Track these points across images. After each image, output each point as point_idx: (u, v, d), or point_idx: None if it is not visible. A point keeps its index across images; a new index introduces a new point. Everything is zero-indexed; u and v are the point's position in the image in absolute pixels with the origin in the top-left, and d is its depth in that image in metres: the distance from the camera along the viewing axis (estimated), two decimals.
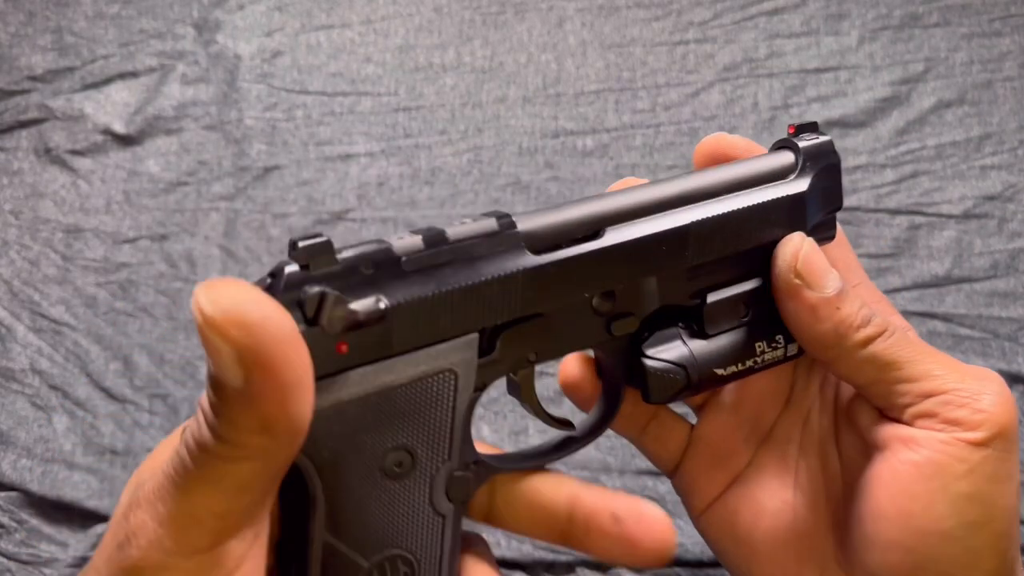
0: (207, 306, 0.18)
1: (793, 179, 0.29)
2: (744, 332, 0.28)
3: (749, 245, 0.28)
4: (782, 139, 0.30)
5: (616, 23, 0.69)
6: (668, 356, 0.27)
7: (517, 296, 0.24)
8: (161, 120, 0.68)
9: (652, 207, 0.26)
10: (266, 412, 0.19)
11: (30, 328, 0.62)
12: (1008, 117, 0.65)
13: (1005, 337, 0.59)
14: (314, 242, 0.21)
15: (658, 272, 0.27)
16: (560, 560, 0.54)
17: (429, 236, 0.23)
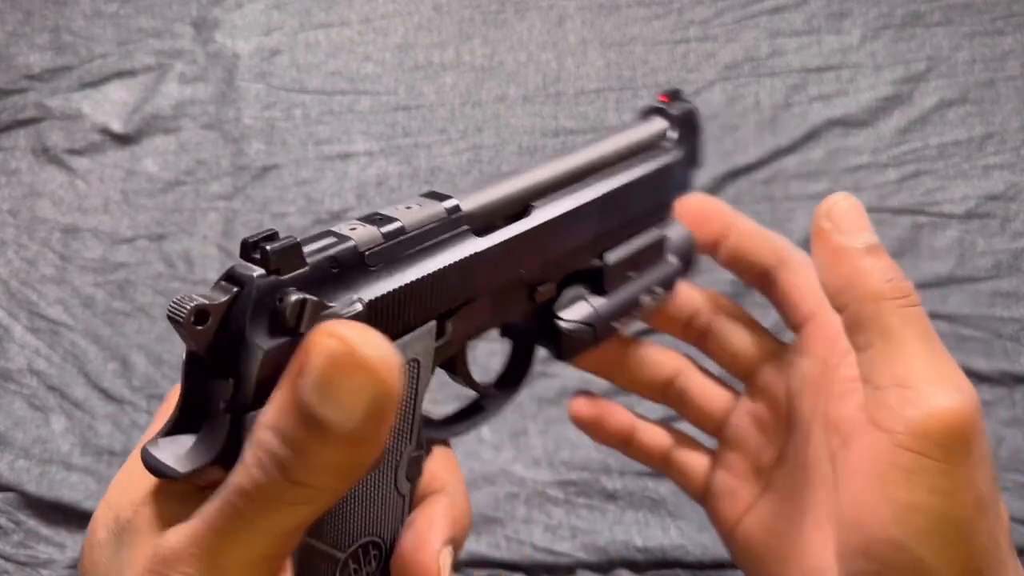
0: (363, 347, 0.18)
1: (671, 146, 0.32)
2: (634, 287, 0.31)
3: (642, 209, 0.31)
4: (655, 106, 0.32)
5: (617, 21, 0.69)
6: (577, 316, 0.29)
7: (469, 280, 0.25)
8: (159, 119, 0.67)
9: (565, 180, 0.28)
10: (363, 457, 0.19)
11: (27, 328, 0.62)
12: (1010, 116, 0.65)
13: (1008, 337, 0.58)
14: (283, 244, 0.20)
15: (576, 242, 0.29)
16: (561, 563, 0.54)
17: (386, 228, 0.22)
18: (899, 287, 0.27)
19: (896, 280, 0.27)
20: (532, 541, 0.54)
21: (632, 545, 0.54)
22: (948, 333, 0.59)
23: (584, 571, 0.54)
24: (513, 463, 0.57)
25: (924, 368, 0.26)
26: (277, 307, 0.19)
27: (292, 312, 0.19)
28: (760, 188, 0.63)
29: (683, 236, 0.34)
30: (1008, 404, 0.57)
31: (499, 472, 0.56)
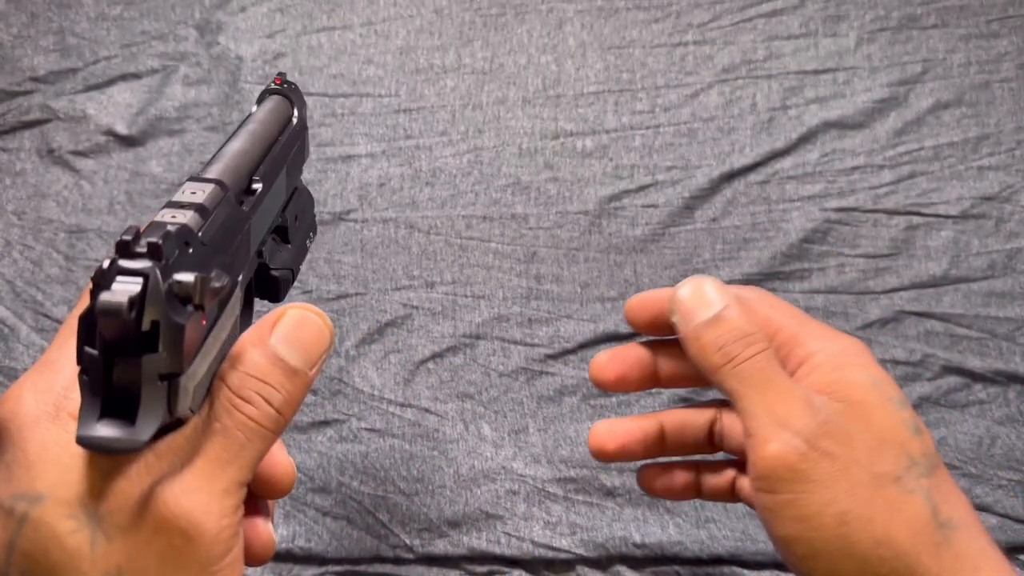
0: (321, 315, 0.28)
1: (297, 116, 0.38)
2: (300, 234, 0.39)
3: (298, 171, 0.39)
4: (273, 88, 0.39)
5: (615, 25, 0.69)
6: (281, 264, 0.35)
7: (247, 242, 0.31)
8: (163, 121, 0.68)
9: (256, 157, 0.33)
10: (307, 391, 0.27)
11: (33, 328, 0.63)
12: (1006, 118, 0.65)
13: (1002, 337, 0.59)
14: (163, 238, 0.23)
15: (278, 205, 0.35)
16: (560, 559, 0.54)
17: (196, 210, 0.26)
18: (727, 353, 0.31)
19: (727, 345, 0.31)
20: (532, 537, 0.55)
21: (631, 541, 0.55)
22: (943, 333, 0.59)
23: (583, 567, 0.55)
24: (513, 460, 0.57)
25: (760, 417, 0.30)
26: (176, 287, 0.23)
27: (197, 290, 0.23)
28: (756, 190, 0.64)
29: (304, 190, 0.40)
30: (1002, 403, 0.58)
31: (499, 469, 0.57)
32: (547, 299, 0.62)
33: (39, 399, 0.25)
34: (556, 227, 0.63)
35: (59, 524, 0.23)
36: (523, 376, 0.59)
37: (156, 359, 0.22)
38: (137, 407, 0.23)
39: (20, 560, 0.23)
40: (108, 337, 0.22)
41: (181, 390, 0.23)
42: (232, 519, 0.25)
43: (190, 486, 0.24)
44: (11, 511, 0.23)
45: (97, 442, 0.22)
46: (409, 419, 0.59)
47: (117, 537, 0.23)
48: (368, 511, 0.56)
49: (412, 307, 0.62)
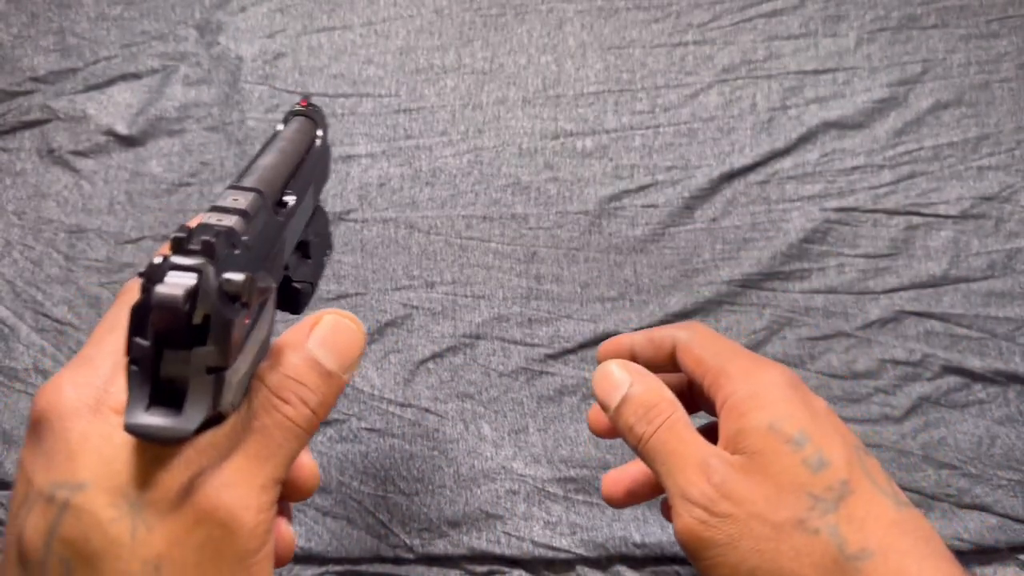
0: (356, 321, 0.29)
1: (321, 136, 0.40)
2: (319, 250, 0.40)
3: (319, 192, 0.39)
4: (299, 110, 0.40)
5: (615, 25, 0.69)
6: (302, 277, 0.36)
7: (282, 250, 0.32)
8: (163, 121, 0.68)
9: (287, 172, 0.34)
10: (338, 394, 0.28)
11: (33, 328, 0.63)
12: (1005, 118, 0.65)
13: (1002, 337, 0.59)
14: (215, 237, 0.24)
15: (305, 220, 0.36)
16: (560, 558, 0.54)
17: (239, 215, 0.27)
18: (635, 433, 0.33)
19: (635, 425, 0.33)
20: (532, 537, 0.55)
21: (631, 541, 0.55)
22: (943, 333, 0.59)
23: (583, 567, 0.55)
24: (513, 460, 0.57)
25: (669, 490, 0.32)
26: (226, 285, 0.24)
27: (245, 289, 0.24)
28: (756, 190, 0.64)
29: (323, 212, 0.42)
30: (1002, 403, 0.58)
31: (499, 469, 0.57)
32: (547, 299, 0.62)
33: (79, 392, 0.25)
34: (556, 227, 0.63)
35: (101, 512, 0.23)
36: (523, 376, 0.59)
37: (205, 352, 0.23)
38: (184, 398, 0.23)
39: (60, 547, 0.23)
40: (161, 329, 0.23)
41: (226, 384, 0.24)
42: (268, 514, 0.25)
43: (230, 480, 0.24)
44: (52, 498, 0.23)
45: (144, 430, 0.23)
46: (409, 419, 0.59)
47: (157, 527, 0.23)
48: (368, 511, 0.56)
49: (412, 307, 0.62)
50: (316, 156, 0.38)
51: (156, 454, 0.24)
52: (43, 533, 0.23)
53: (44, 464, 0.24)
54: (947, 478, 0.56)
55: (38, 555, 0.23)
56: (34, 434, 0.25)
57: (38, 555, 0.23)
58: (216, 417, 0.25)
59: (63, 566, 0.23)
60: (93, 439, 0.24)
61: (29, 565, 0.24)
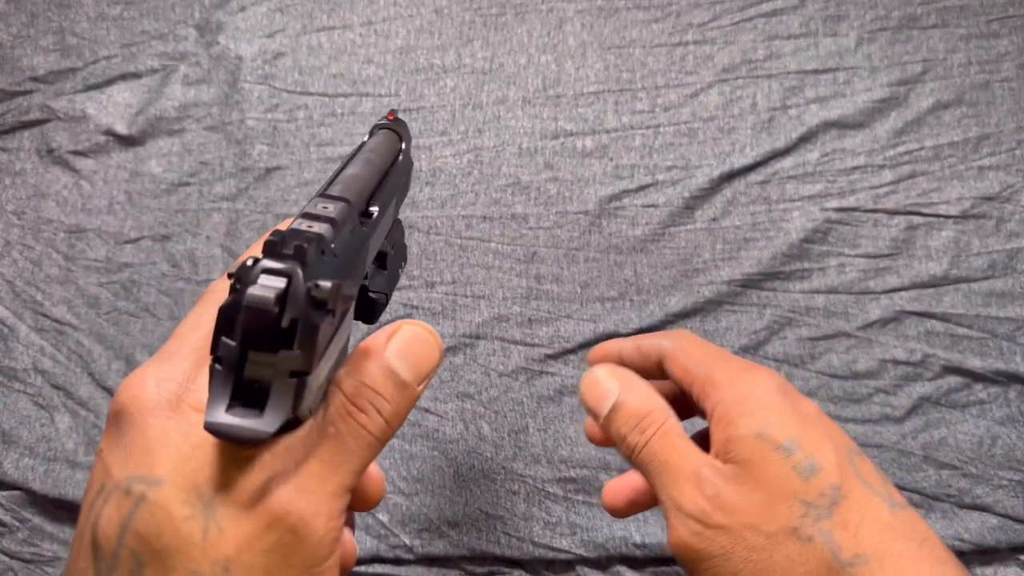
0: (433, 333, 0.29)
1: (404, 149, 0.40)
2: (395, 262, 0.39)
3: (399, 204, 0.40)
4: (385, 123, 0.41)
5: (615, 25, 0.69)
6: (378, 288, 0.36)
7: (364, 258, 0.32)
8: (163, 121, 0.68)
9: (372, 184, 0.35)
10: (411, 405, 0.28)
11: (32, 328, 0.63)
12: (1006, 118, 0.65)
13: (1003, 337, 0.59)
14: (307, 243, 0.24)
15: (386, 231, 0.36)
16: (560, 559, 0.54)
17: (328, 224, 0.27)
18: (628, 445, 0.33)
19: (628, 436, 0.33)
20: (532, 538, 0.55)
21: (631, 542, 0.55)
22: (943, 333, 0.59)
23: (583, 567, 0.55)
24: (513, 460, 0.57)
25: (664, 502, 0.32)
26: (314, 291, 0.24)
27: (332, 296, 0.24)
28: (756, 190, 0.64)
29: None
30: (1003, 403, 0.58)
31: (499, 469, 0.57)
32: (547, 299, 0.61)
33: (161, 388, 0.25)
34: (556, 227, 0.63)
35: (175, 509, 0.23)
36: (523, 376, 0.59)
37: (290, 356, 0.24)
38: (266, 400, 0.24)
39: (132, 540, 0.23)
40: (250, 330, 0.23)
41: (307, 389, 0.24)
42: (338, 522, 0.25)
43: (304, 486, 0.24)
44: (128, 491, 0.24)
45: (224, 429, 0.23)
46: (409, 419, 0.58)
47: (229, 528, 0.23)
48: (368, 511, 0.56)
49: (412, 307, 0.62)
50: (400, 169, 0.39)
51: (233, 455, 0.24)
52: (117, 525, 0.24)
53: (123, 457, 0.25)
54: (948, 478, 0.56)
55: (111, 546, 0.24)
56: (114, 426, 0.26)
57: (111, 546, 0.24)
58: (294, 422, 0.25)
59: (133, 559, 0.23)
60: (172, 435, 0.24)
61: (101, 555, 0.24)
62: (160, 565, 0.23)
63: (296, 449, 0.25)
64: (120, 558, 0.23)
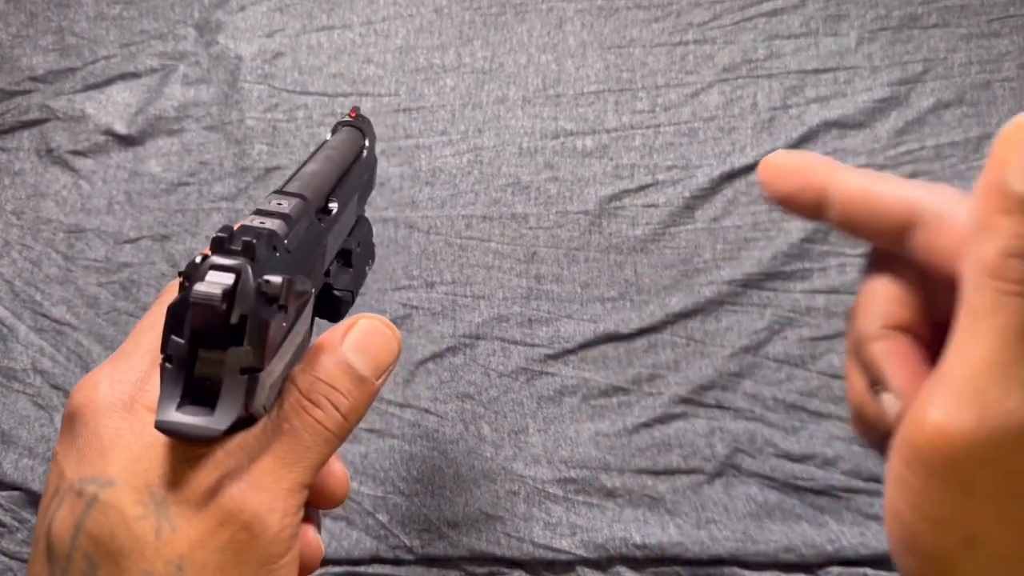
0: (392, 327, 0.28)
1: (368, 146, 0.40)
2: (361, 260, 0.39)
3: (364, 201, 0.40)
4: (347, 120, 0.41)
5: (616, 24, 0.69)
6: (343, 286, 0.35)
7: (322, 255, 0.32)
8: (162, 121, 0.68)
9: (332, 180, 0.34)
10: (373, 400, 0.27)
11: (32, 328, 0.62)
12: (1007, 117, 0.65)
13: None
14: (256, 238, 0.24)
15: (348, 228, 0.36)
16: (560, 559, 0.54)
17: (281, 219, 0.27)
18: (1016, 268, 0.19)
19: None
20: (532, 538, 0.55)
21: (631, 542, 0.54)
22: None
23: (583, 568, 0.55)
24: (513, 461, 0.57)
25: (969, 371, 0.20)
26: (264, 286, 0.24)
27: (284, 291, 0.24)
28: (757, 189, 0.64)
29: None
30: None
31: (499, 470, 0.57)
32: (547, 299, 0.61)
33: (114, 389, 0.25)
34: (556, 227, 0.63)
35: (128, 509, 0.23)
36: (523, 376, 0.59)
37: (240, 353, 0.23)
38: (216, 398, 0.24)
39: (85, 542, 0.23)
40: (198, 327, 0.23)
41: (259, 385, 0.24)
42: (294, 519, 0.25)
43: (257, 483, 0.24)
44: (81, 492, 0.24)
45: (175, 427, 0.23)
46: (409, 419, 0.58)
47: (182, 527, 0.23)
48: (368, 512, 0.56)
49: (412, 307, 0.62)
50: (362, 166, 0.38)
51: (186, 453, 0.24)
52: (70, 527, 0.23)
53: (76, 459, 0.24)
54: None
55: (64, 548, 0.23)
56: (68, 428, 0.25)
57: (64, 548, 0.23)
58: (247, 419, 0.25)
59: (87, 561, 0.23)
60: (125, 436, 0.24)
61: (55, 558, 0.24)
62: (114, 566, 0.23)
63: (250, 446, 0.25)
64: (74, 560, 0.23)
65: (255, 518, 0.24)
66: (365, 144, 0.40)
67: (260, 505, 0.24)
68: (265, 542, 0.24)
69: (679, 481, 0.56)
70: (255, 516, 0.24)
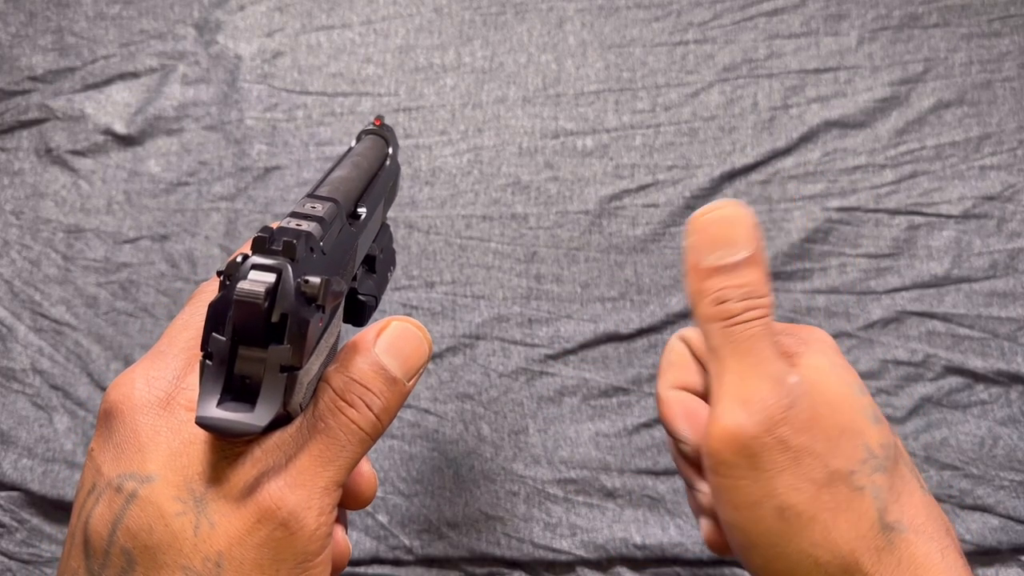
0: (423, 329, 0.28)
1: (392, 154, 0.41)
2: (384, 265, 0.39)
3: (387, 208, 0.40)
4: (372, 129, 0.42)
5: (616, 24, 0.69)
6: (367, 291, 0.36)
7: (352, 263, 0.32)
8: (162, 120, 0.68)
9: (360, 186, 0.35)
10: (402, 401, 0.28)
11: (31, 328, 0.62)
12: (1007, 117, 0.65)
13: (1004, 337, 0.59)
14: (300, 237, 0.25)
15: (374, 233, 0.37)
16: (560, 560, 0.54)
17: (316, 222, 0.28)
18: (724, 310, 0.29)
19: (732, 302, 0.29)
20: (532, 539, 0.55)
21: (631, 543, 0.54)
22: (945, 333, 0.59)
23: (584, 568, 0.54)
24: (513, 461, 0.57)
25: (727, 386, 0.28)
26: (303, 286, 0.24)
27: (322, 291, 0.24)
28: (757, 189, 0.63)
29: None
30: (1004, 403, 0.57)
31: (499, 470, 0.57)
32: (547, 299, 0.61)
33: (151, 386, 0.26)
34: (556, 227, 0.63)
35: (166, 505, 0.23)
36: (523, 376, 0.59)
37: (280, 351, 0.24)
38: (256, 395, 0.24)
39: (123, 537, 0.23)
40: (240, 324, 0.24)
41: (297, 383, 0.24)
42: (329, 518, 0.25)
43: (294, 481, 0.24)
44: (119, 488, 0.24)
45: (216, 423, 0.23)
46: (409, 419, 0.58)
47: (221, 523, 0.24)
48: (367, 512, 0.56)
49: (412, 307, 0.62)
50: (387, 174, 0.39)
51: (224, 450, 0.24)
52: (108, 522, 0.24)
53: (114, 455, 0.25)
54: (949, 479, 0.55)
55: (102, 544, 0.24)
56: (105, 426, 0.26)
57: (102, 544, 0.24)
58: (285, 417, 0.25)
59: (124, 557, 0.23)
60: (163, 432, 0.25)
61: (92, 553, 0.24)
62: (151, 561, 0.23)
63: (287, 445, 0.25)
64: (111, 556, 0.23)
65: (292, 516, 0.24)
66: (389, 152, 0.40)
67: (297, 503, 0.24)
68: (302, 540, 0.24)
69: (679, 481, 0.56)
70: (292, 514, 0.24)
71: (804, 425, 0.27)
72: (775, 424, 0.27)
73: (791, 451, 0.27)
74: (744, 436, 0.27)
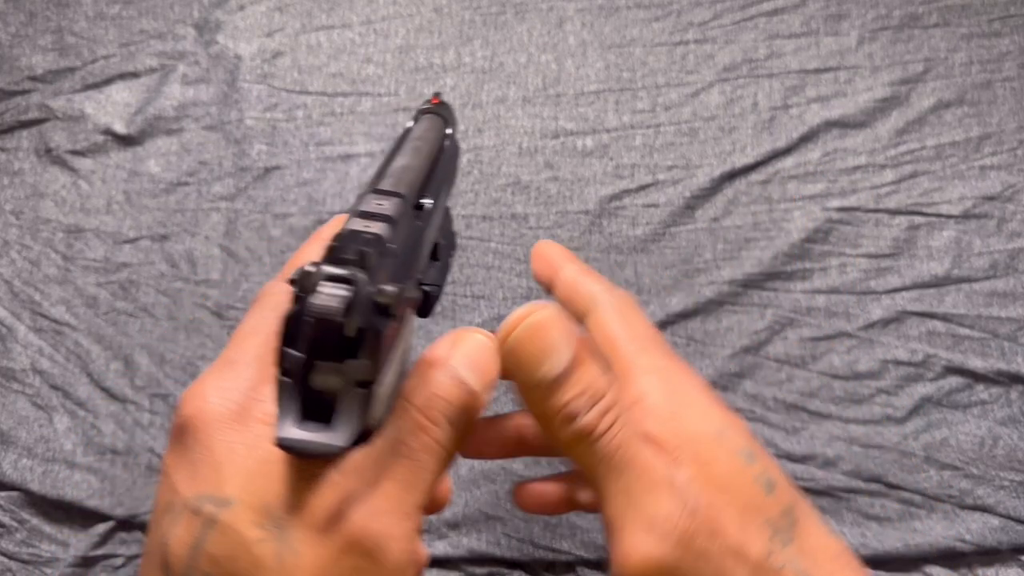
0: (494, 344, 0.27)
1: (451, 134, 0.38)
2: (445, 252, 0.38)
3: (448, 192, 0.38)
4: (429, 107, 0.38)
5: (616, 23, 0.69)
6: (431, 280, 0.34)
7: (420, 259, 0.31)
8: (162, 120, 0.68)
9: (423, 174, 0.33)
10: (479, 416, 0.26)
11: (31, 328, 0.62)
12: (1007, 117, 0.65)
13: (1004, 337, 0.59)
14: (371, 242, 0.24)
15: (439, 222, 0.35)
16: (560, 560, 0.54)
17: (384, 221, 0.26)
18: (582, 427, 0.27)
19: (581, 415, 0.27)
20: (532, 539, 0.55)
21: None
22: (945, 333, 0.59)
23: (584, 568, 0.54)
24: (513, 461, 0.57)
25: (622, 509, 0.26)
26: (378, 297, 0.23)
27: (396, 301, 0.23)
28: (757, 189, 0.63)
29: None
30: (1004, 403, 0.57)
31: (499, 470, 0.57)
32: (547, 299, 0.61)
33: (224, 399, 0.24)
34: (556, 227, 0.63)
35: (247, 531, 0.23)
36: None
37: (357, 365, 0.23)
38: (331, 412, 0.23)
39: (206, 563, 0.23)
40: (317, 340, 0.22)
41: (375, 398, 0.23)
42: (414, 544, 0.24)
43: (379, 508, 0.23)
44: (197, 511, 0.23)
45: (298, 445, 0.22)
46: None
47: (305, 553, 0.23)
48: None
49: None
50: (447, 156, 0.37)
51: (301, 472, 0.23)
52: (188, 547, 0.23)
53: (189, 473, 0.24)
54: (949, 479, 0.55)
55: (182, 567, 0.23)
56: (179, 441, 0.25)
57: (182, 567, 0.23)
58: (363, 435, 0.24)
59: None
60: (239, 451, 0.24)
61: (172, 575, 0.23)
62: None
63: (366, 467, 0.24)
64: None
65: (377, 546, 0.23)
66: (448, 132, 0.38)
67: (382, 531, 0.23)
68: (387, 570, 0.23)
69: None
70: (377, 544, 0.23)
71: (714, 526, 0.26)
72: (690, 538, 0.25)
73: (713, 559, 0.26)
74: (666, 564, 0.25)
